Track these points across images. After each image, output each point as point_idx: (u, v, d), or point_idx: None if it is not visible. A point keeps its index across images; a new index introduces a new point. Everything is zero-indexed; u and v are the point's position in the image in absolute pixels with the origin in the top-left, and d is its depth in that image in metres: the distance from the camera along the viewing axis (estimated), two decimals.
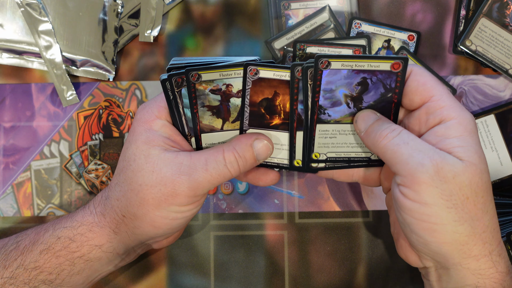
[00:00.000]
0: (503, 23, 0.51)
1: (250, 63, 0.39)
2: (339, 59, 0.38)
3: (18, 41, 0.52)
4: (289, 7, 0.53)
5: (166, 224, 0.40)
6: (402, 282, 0.51)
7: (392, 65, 0.38)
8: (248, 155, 0.40)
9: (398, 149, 0.36)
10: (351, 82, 0.39)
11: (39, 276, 0.41)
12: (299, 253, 0.51)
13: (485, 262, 0.36)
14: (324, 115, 0.40)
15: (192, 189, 0.39)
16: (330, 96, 0.39)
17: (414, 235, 0.36)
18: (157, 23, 0.53)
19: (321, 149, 0.41)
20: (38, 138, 0.52)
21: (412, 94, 0.39)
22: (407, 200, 0.35)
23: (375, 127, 0.38)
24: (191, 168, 0.39)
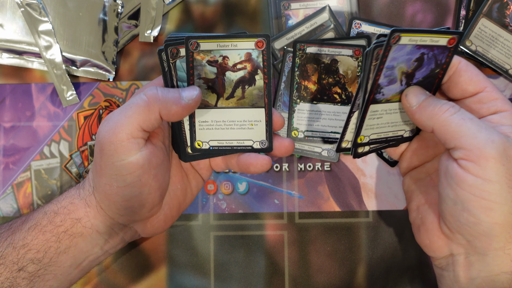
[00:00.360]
0: (503, 23, 0.51)
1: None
2: (408, 33, 0.37)
3: (18, 41, 0.52)
4: (289, 7, 0.53)
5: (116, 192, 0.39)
6: (402, 282, 0.51)
7: (449, 40, 0.38)
8: (172, 90, 0.39)
9: (464, 123, 0.36)
10: (410, 58, 0.38)
11: (27, 255, 0.41)
12: (299, 253, 0.51)
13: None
14: (379, 94, 0.39)
15: (112, 132, 0.37)
16: (390, 74, 0.38)
17: (466, 214, 0.35)
18: (157, 23, 0.53)
19: (367, 131, 0.40)
20: (38, 138, 0.52)
21: (466, 83, 0.39)
22: (469, 175, 0.35)
23: (431, 102, 0.38)
24: (111, 113, 0.39)
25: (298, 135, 0.50)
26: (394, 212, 0.51)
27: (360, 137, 0.40)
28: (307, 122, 0.50)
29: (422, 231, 0.40)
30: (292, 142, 0.42)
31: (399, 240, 0.51)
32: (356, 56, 0.50)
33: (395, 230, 0.51)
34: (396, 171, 0.51)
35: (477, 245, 0.36)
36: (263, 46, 0.39)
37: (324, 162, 0.52)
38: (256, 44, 0.39)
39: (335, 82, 0.50)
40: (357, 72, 0.50)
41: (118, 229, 0.43)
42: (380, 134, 0.41)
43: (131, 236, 0.45)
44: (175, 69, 0.40)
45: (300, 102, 0.50)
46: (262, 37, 0.39)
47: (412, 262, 0.51)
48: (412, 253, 0.51)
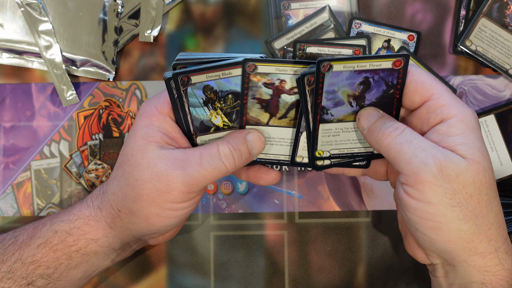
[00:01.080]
0: (503, 23, 0.51)
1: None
2: (340, 61, 0.38)
3: (18, 41, 0.52)
4: (289, 7, 0.53)
5: (160, 222, 0.40)
6: (402, 282, 0.51)
7: (394, 62, 0.38)
8: (243, 148, 0.40)
9: (401, 148, 0.36)
10: (353, 82, 0.39)
11: (37, 271, 0.41)
12: (299, 253, 0.51)
13: (491, 259, 0.36)
14: (327, 115, 0.40)
15: (186, 185, 0.39)
16: (333, 97, 0.39)
17: (420, 234, 0.36)
18: (157, 23, 0.53)
19: (324, 147, 0.41)
20: (38, 138, 0.52)
21: (411, 94, 0.39)
22: (411, 199, 0.35)
23: (378, 125, 0.38)
24: (185, 163, 0.39)
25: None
26: (394, 212, 0.51)
27: (319, 152, 0.41)
28: None
29: (406, 242, 0.41)
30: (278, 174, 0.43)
31: (399, 240, 0.51)
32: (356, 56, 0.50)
33: (395, 230, 0.51)
34: None
35: (445, 258, 0.37)
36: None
37: None
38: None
39: None
40: None
41: (133, 243, 0.44)
42: (342, 150, 0.41)
43: (141, 245, 0.46)
44: (187, 96, 0.40)
45: None
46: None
47: (411, 262, 0.51)
48: None
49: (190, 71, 0.39)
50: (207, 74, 0.39)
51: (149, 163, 0.39)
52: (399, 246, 0.51)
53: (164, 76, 0.40)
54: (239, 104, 0.40)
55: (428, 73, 0.39)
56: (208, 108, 0.40)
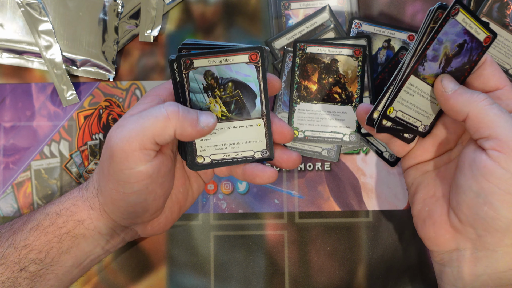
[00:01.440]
0: (503, 23, 0.51)
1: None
2: (465, 12, 0.38)
3: (18, 41, 0.52)
4: (289, 7, 0.53)
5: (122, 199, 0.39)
6: (402, 282, 0.51)
7: (486, 38, 0.39)
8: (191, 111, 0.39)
9: (502, 114, 0.36)
10: (456, 41, 0.39)
11: (29, 255, 0.41)
12: (299, 253, 0.51)
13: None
14: (421, 66, 0.39)
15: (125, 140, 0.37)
16: (437, 48, 0.39)
17: (486, 207, 0.35)
18: (157, 23, 0.53)
19: (398, 105, 0.40)
20: (38, 138, 0.52)
21: (489, 78, 0.39)
22: (499, 168, 0.35)
23: (467, 90, 0.38)
24: (126, 120, 0.38)
25: (298, 134, 0.50)
26: (394, 212, 0.51)
27: (390, 109, 0.40)
28: (307, 122, 0.50)
29: (428, 224, 0.40)
30: (299, 156, 0.42)
31: (399, 240, 0.51)
32: (356, 56, 0.50)
33: (395, 230, 0.51)
34: (396, 171, 0.51)
35: (488, 241, 0.36)
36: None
37: (324, 162, 0.52)
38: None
39: (335, 82, 0.50)
40: (357, 72, 0.50)
41: (119, 231, 0.43)
42: (404, 115, 0.40)
43: (131, 236, 0.45)
44: (188, 80, 0.40)
45: (300, 102, 0.50)
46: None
47: (412, 262, 0.51)
48: (412, 253, 0.51)
49: (193, 54, 0.39)
50: (209, 59, 0.39)
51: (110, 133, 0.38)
52: (399, 246, 0.51)
53: (168, 58, 0.39)
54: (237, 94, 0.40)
55: None
56: (208, 95, 0.40)
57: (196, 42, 0.41)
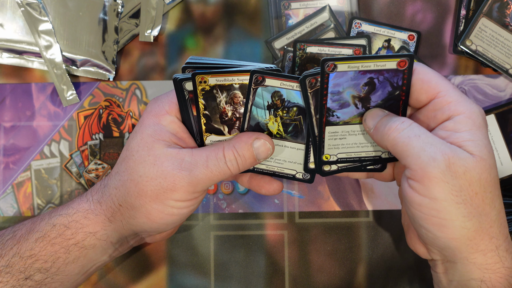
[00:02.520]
0: (503, 22, 0.51)
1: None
2: (345, 61, 0.38)
3: (18, 40, 0.52)
4: (289, 7, 0.53)
5: (161, 218, 0.40)
6: (402, 282, 0.51)
7: (398, 63, 0.38)
8: (248, 154, 0.40)
9: (409, 141, 0.36)
10: (358, 83, 0.39)
11: (35, 265, 0.41)
12: (299, 253, 0.51)
13: (492, 257, 0.36)
14: (332, 117, 0.40)
15: (191, 185, 0.39)
16: (338, 98, 0.39)
17: (423, 230, 0.36)
18: (157, 23, 0.53)
19: (331, 151, 0.41)
20: (38, 137, 0.52)
21: (417, 93, 0.38)
22: (417, 195, 0.35)
23: (384, 121, 0.38)
24: (192, 164, 0.39)
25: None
26: (394, 212, 0.51)
27: (326, 155, 0.41)
28: None
29: (408, 237, 0.41)
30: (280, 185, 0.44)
31: (399, 240, 0.51)
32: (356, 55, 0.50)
33: (395, 230, 0.51)
34: None
35: (446, 254, 0.37)
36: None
37: None
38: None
39: None
40: None
41: (130, 238, 0.44)
42: (349, 154, 0.41)
43: (138, 242, 0.46)
44: (254, 94, 0.40)
45: None
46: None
47: (412, 262, 0.51)
48: (412, 253, 0.51)
49: (267, 72, 0.39)
50: (283, 81, 0.40)
51: (155, 160, 0.39)
52: (399, 246, 0.51)
53: (174, 78, 0.40)
54: (299, 119, 0.41)
55: (433, 70, 0.39)
56: (269, 113, 0.41)
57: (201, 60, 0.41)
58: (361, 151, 0.41)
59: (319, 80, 0.38)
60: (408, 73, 0.38)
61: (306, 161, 0.42)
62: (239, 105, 0.41)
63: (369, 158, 0.42)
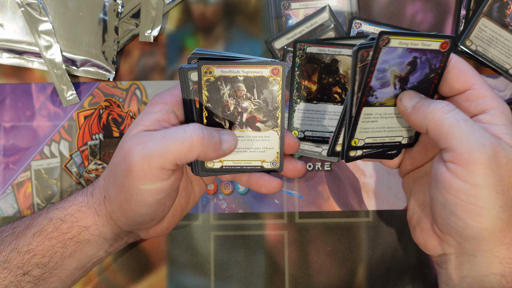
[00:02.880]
0: (503, 23, 0.51)
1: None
2: (398, 36, 0.36)
3: (18, 41, 0.52)
4: (289, 7, 0.53)
5: (132, 209, 0.39)
6: (402, 282, 0.51)
7: (442, 44, 0.38)
8: (215, 133, 0.39)
9: (457, 124, 0.35)
10: (403, 62, 0.38)
11: (32, 260, 0.41)
12: (299, 253, 0.51)
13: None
14: (371, 97, 0.38)
15: (146, 159, 0.36)
16: (382, 77, 0.38)
17: (454, 218, 0.35)
18: (157, 23, 0.53)
19: (361, 134, 0.40)
20: (38, 138, 0.52)
21: (453, 81, 0.38)
22: (457, 180, 0.34)
23: (425, 102, 0.37)
24: (148, 137, 0.37)
25: (298, 135, 0.50)
26: (394, 212, 0.51)
27: (355, 140, 0.40)
28: (307, 122, 0.50)
29: (417, 230, 0.40)
30: (304, 165, 0.42)
31: (399, 240, 0.51)
32: None
33: (395, 230, 0.51)
34: (396, 171, 0.51)
35: (467, 247, 0.36)
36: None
37: (324, 162, 0.52)
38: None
39: (335, 82, 0.50)
40: None
41: (123, 235, 0.44)
42: (376, 138, 0.40)
43: (133, 238, 0.46)
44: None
45: (300, 102, 0.50)
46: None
47: (412, 262, 0.51)
48: (412, 253, 0.51)
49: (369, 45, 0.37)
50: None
51: (123, 144, 0.38)
52: (399, 246, 0.51)
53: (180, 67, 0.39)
54: None
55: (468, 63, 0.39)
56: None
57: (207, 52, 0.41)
58: (386, 136, 0.40)
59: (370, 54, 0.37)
60: (447, 56, 0.38)
61: (334, 144, 0.40)
62: (242, 98, 0.40)
63: (391, 144, 0.41)
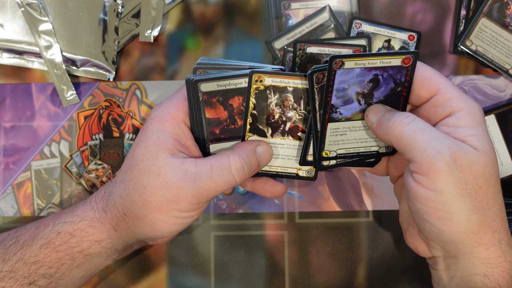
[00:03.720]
0: (503, 23, 0.51)
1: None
2: (352, 58, 0.38)
3: (18, 41, 0.52)
4: (289, 7, 0.53)
5: (166, 228, 0.40)
6: (402, 282, 0.51)
7: (403, 60, 0.39)
8: (253, 160, 0.40)
9: (415, 135, 0.36)
10: (363, 80, 0.39)
11: (39, 270, 0.41)
12: (299, 253, 0.51)
13: (494, 251, 0.36)
14: (335, 113, 0.40)
15: (195, 196, 0.39)
16: (342, 95, 0.39)
17: (427, 224, 0.36)
18: (157, 23, 0.53)
19: (331, 147, 0.41)
20: (38, 138, 0.52)
21: (418, 90, 0.39)
22: (422, 188, 0.35)
23: (388, 116, 0.38)
24: (196, 175, 0.39)
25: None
26: (394, 212, 0.51)
27: (326, 152, 0.41)
28: None
29: (407, 235, 0.41)
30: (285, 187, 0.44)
31: (399, 240, 0.51)
32: None
33: (395, 230, 0.51)
34: None
35: (449, 249, 0.37)
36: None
37: None
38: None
39: None
40: None
41: (134, 244, 0.44)
42: (348, 149, 0.42)
43: (140, 246, 0.47)
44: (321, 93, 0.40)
45: None
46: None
47: (412, 262, 0.51)
48: (412, 253, 0.51)
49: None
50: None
51: (159, 171, 0.39)
52: (399, 246, 0.51)
53: (187, 78, 0.40)
54: None
55: (433, 68, 0.39)
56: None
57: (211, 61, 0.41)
58: (360, 146, 0.42)
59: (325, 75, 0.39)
60: (411, 70, 0.39)
61: (304, 154, 0.42)
62: (288, 108, 0.41)
63: (367, 153, 0.42)
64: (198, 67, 0.41)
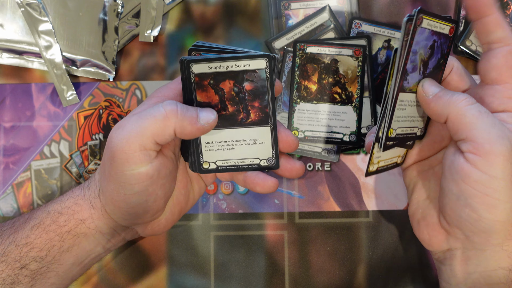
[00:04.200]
0: None
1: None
2: (428, 16, 0.36)
3: (18, 41, 0.52)
4: (289, 7, 0.53)
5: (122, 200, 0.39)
6: (402, 282, 0.51)
7: (450, 29, 0.38)
8: (191, 108, 0.38)
9: (480, 115, 0.35)
10: (427, 44, 0.37)
11: (30, 253, 0.41)
12: (299, 253, 0.51)
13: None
14: (405, 81, 0.37)
15: (124, 141, 0.37)
16: (414, 59, 0.37)
17: (468, 210, 0.35)
18: (157, 23, 0.53)
19: (395, 124, 0.39)
20: (38, 138, 0.52)
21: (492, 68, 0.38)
22: (476, 170, 0.34)
23: (447, 92, 0.37)
24: (126, 120, 0.38)
25: (298, 134, 0.50)
26: (394, 212, 0.51)
27: (390, 130, 0.39)
28: (307, 122, 0.50)
29: (422, 225, 0.40)
30: (302, 165, 0.41)
31: (399, 240, 0.51)
32: (356, 56, 0.50)
33: (395, 230, 0.51)
34: (396, 171, 0.51)
35: (475, 241, 0.36)
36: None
37: (324, 162, 0.52)
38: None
39: (335, 82, 0.50)
40: (357, 72, 0.50)
41: (120, 230, 0.43)
42: (403, 129, 0.39)
43: (132, 235, 0.45)
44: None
45: (300, 102, 0.50)
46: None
47: (412, 262, 0.51)
48: (412, 253, 0.51)
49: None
50: None
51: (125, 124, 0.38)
52: (399, 246, 0.51)
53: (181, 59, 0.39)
54: None
55: None
56: None
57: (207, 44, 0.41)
58: (408, 126, 0.40)
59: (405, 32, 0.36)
60: (452, 42, 0.38)
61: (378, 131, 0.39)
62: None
63: (410, 136, 0.40)
64: (193, 49, 0.40)
